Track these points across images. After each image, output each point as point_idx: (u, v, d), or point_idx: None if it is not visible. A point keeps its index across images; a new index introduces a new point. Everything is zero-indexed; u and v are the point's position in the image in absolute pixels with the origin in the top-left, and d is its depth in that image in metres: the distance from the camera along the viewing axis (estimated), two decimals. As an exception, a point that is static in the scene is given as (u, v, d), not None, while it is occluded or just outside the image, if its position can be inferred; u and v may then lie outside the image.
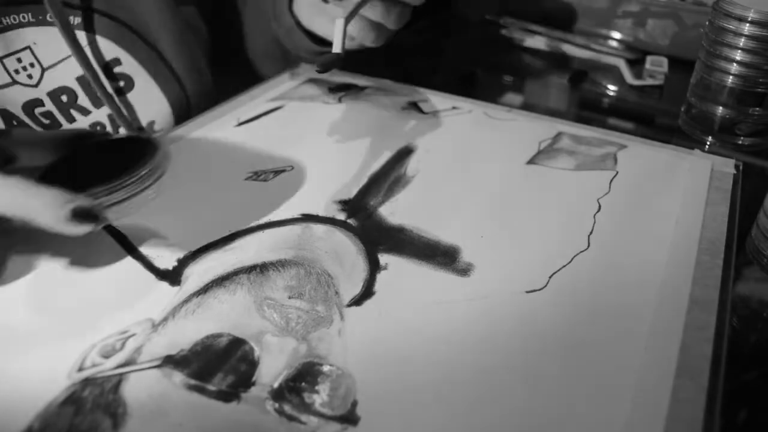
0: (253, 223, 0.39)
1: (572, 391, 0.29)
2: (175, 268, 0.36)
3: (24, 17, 0.44)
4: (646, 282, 0.35)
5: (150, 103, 0.52)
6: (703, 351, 0.31)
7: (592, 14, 0.78)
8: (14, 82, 0.45)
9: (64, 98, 0.48)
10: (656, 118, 0.64)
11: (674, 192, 0.44)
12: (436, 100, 0.57)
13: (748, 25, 0.51)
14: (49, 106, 0.47)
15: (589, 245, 0.38)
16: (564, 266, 0.36)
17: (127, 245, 0.38)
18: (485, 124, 0.53)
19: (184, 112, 0.55)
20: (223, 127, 0.51)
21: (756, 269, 0.41)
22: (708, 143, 0.56)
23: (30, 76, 0.45)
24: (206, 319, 0.32)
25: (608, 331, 0.32)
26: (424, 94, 0.58)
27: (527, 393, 0.28)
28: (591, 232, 0.39)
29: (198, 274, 0.35)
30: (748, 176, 0.47)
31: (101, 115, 0.51)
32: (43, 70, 0.46)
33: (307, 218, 0.40)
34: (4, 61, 0.44)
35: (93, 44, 0.48)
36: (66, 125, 0.49)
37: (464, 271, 0.36)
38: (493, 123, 0.53)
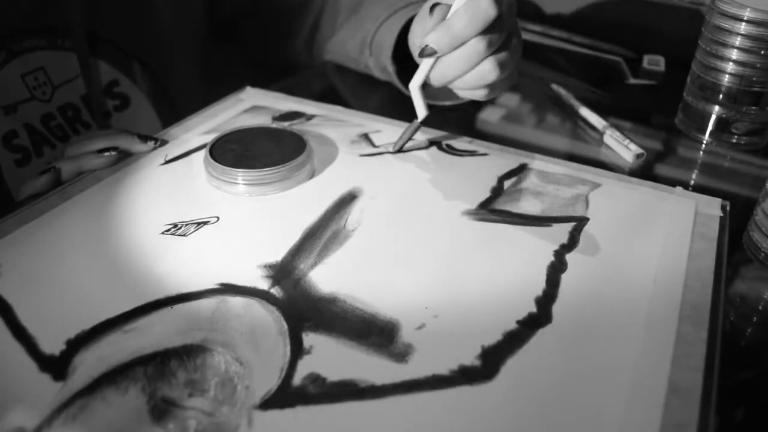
0: (162, 296, 0.34)
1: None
2: (62, 353, 0.30)
3: (39, 43, 0.53)
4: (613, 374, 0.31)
5: (141, 121, 0.61)
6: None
7: (590, 13, 0.79)
8: (33, 97, 0.53)
9: (70, 113, 0.56)
10: (653, 116, 0.64)
11: (652, 243, 0.39)
12: (391, 131, 0.51)
13: (744, 24, 0.51)
14: (59, 119, 0.55)
15: (551, 319, 0.33)
16: (520, 347, 0.31)
17: (12, 321, 0.32)
18: (442, 161, 0.48)
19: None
20: (148, 165, 0.46)
21: (754, 266, 0.41)
22: (704, 142, 0.57)
23: (44, 93, 0.54)
24: (88, 429, 0.27)
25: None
26: (378, 124, 0.53)
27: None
28: (554, 302, 0.35)
29: (88, 364, 0.30)
30: (734, 207, 0.43)
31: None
32: (54, 88, 0.55)
33: (225, 289, 0.35)
34: (25, 78, 0.53)
35: (95, 68, 0.57)
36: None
37: (401, 355, 0.31)
38: (451, 160, 0.48)
